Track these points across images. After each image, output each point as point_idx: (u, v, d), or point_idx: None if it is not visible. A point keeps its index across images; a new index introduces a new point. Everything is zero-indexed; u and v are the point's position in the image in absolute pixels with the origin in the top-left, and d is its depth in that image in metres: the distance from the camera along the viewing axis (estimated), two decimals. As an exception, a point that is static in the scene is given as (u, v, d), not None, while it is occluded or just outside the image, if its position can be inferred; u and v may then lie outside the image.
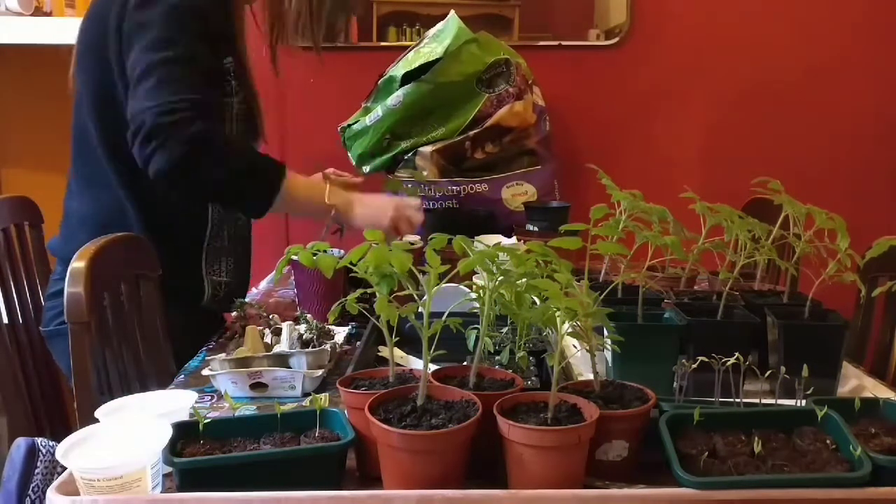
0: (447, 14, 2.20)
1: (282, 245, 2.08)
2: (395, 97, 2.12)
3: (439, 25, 2.19)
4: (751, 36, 2.44)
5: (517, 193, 2.14)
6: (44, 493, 0.90)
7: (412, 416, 0.93)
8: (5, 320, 1.81)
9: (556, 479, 0.89)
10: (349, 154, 2.24)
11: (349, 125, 2.22)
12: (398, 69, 2.15)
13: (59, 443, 0.92)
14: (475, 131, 2.11)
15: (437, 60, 2.09)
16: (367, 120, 2.17)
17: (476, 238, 1.68)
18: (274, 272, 2.21)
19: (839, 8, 2.43)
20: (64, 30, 2.36)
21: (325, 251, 1.00)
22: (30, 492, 1.11)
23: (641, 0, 2.42)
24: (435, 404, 0.96)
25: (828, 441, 0.95)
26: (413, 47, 2.19)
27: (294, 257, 1.00)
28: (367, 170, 2.24)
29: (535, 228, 1.96)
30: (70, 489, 0.89)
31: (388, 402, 0.96)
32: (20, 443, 1.14)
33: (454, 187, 2.12)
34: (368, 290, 0.97)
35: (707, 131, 2.47)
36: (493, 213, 2.12)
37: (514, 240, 1.77)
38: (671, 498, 0.88)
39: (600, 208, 1.18)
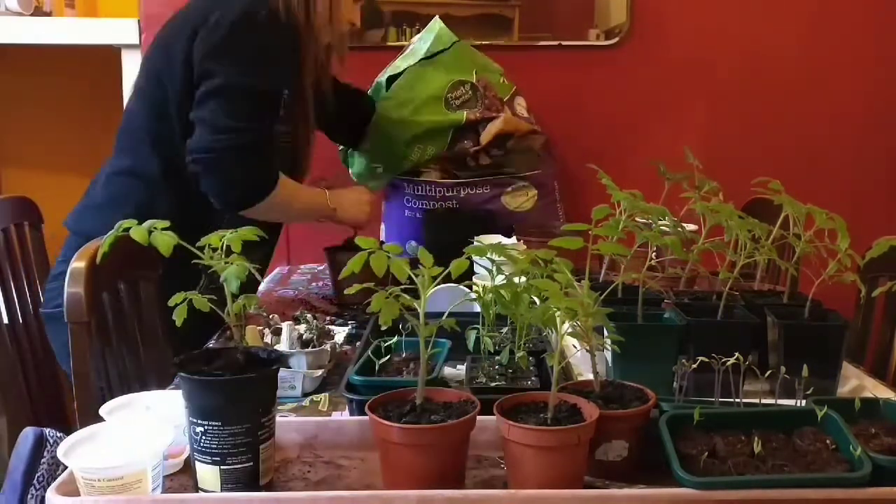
0: (447, 14, 2.20)
1: (281, 245, 2.08)
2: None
3: (423, 31, 2.18)
4: (751, 36, 2.44)
5: (517, 194, 2.14)
6: (49, 484, 0.90)
7: (411, 415, 0.93)
8: (5, 320, 1.81)
9: (556, 479, 0.89)
10: (350, 171, 2.23)
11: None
12: (385, 75, 2.15)
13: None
14: (475, 148, 2.10)
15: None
16: None
17: (476, 238, 1.68)
18: (275, 272, 2.21)
19: (839, 8, 2.43)
20: (64, 30, 2.37)
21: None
22: (35, 482, 1.11)
23: (641, 0, 2.41)
24: (433, 405, 0.96)
25: (828, 441, 0.95)
26: (400, 53, 2.19)
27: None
28: (373, 186, 2.23)
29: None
30: (70, 489, 0.89)
31: (387, 403, 0.96)
32: (28, 433, 1.14)
33: (454, 188, 2.12)
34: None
35: (707, 131, 2.47)
36: (493, 213, 2.12)
37: (513, 240, 1.77)
38: (671, 498, 0.88)
39: (602, 209, 1.18)
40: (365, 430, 1.02)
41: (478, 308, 1.17)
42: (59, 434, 1.16)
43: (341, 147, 2.22)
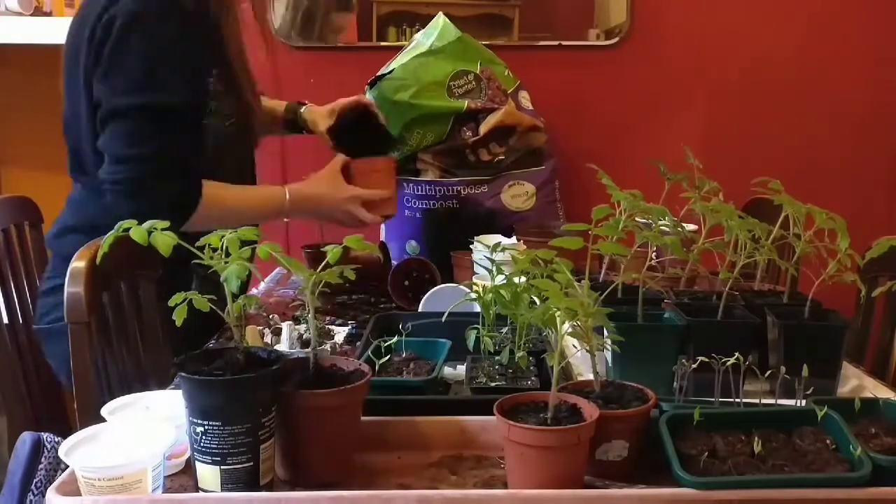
0: (447, 14, 2.20)
1: (281, 244, 2.08)
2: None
3: (426, 27, 2.18)
4: (751, 36, 2.44)
5: (517, 194, 2.14)
6: (47, 488, 0.91)
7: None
8: (5, 320, 1.80)
9: (555, 479, 0.89)
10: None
11: None
12: (387, 69, 2.14)
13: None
14: (475, 138, 2.10)
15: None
16: None
17: (476, 238, 1.68)
18: (275, 272, 2.21)
19: (839, 8, 2.43)
20: (64, 30, 2.35)
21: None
22: (33, 487, 1.11)
23: (641, 0, 2.42)
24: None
25: (828, 441, 0.95)
26: (401, 52, 2.19)
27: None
28: None
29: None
30: (69, 489, 0.89)
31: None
32: (25, 437, 1.14)
33: (454, 187, 2.12)
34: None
35: (707, 131, 2.47)
36: (494, 213, 2.12)
37: (513, 240, 1.77)
38: (671, 498, 0.88)
39: (602, 209, 1.18)
40: (365, 429, 1.02)
41: (478, 308, 1.17)
42: (56, 438, 1.16)
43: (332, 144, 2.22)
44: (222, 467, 0.91)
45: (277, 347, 1.37)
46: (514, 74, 2.21)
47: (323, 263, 0.99)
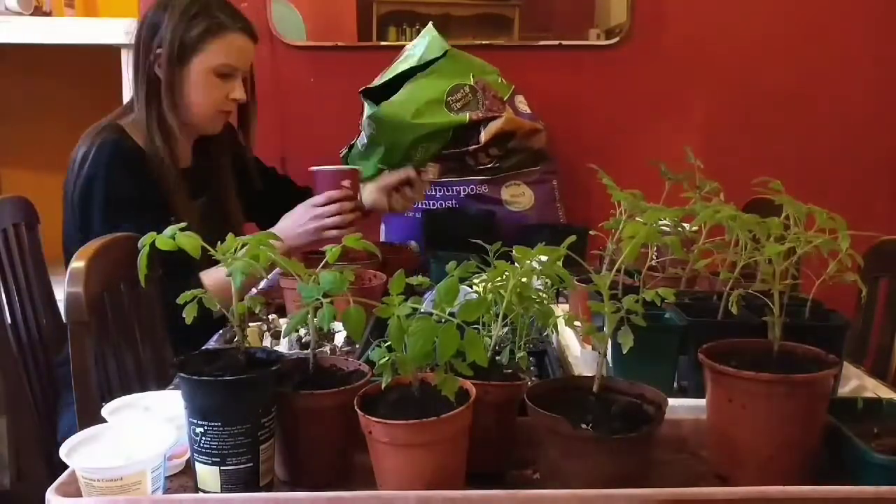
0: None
1: (282, 245, 2.08)
2: (369, 125, 2.10)
3: (418, 38, 2.18)
4: (751, 36, 2.44)
5: (517, 194, 2.14)
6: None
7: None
8: (8, 321, 1.80)
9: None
10: None
11: (350, 149, 2.21)
12: (382, 80, 2.14)
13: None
14: (475, 147, 2.10)
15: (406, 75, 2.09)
16: (359, 144, 2.16)
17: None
18: (275, 272, 2.21)
19: (839, 8, 2.43)
20: (64, 30, 2.36)
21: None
22: None
23: (641, 0, 2.41)
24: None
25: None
26: (394, 62, 2.19)
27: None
28: None
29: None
30: (69, 490, 0.89)
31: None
32: None
33: (454, 188, 2.12)
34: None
35: (707, 131, 2.47)
36: (492, 213, 2.12)
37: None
38: (671, 497, 0.88)
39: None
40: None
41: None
42: None
43: (343, 152, 2.22)
44: (222, 468, 0.91)
45: (277, 349, 1.37)
46: (507, 80, 2.21)
47: (322, 264, 0.99)
